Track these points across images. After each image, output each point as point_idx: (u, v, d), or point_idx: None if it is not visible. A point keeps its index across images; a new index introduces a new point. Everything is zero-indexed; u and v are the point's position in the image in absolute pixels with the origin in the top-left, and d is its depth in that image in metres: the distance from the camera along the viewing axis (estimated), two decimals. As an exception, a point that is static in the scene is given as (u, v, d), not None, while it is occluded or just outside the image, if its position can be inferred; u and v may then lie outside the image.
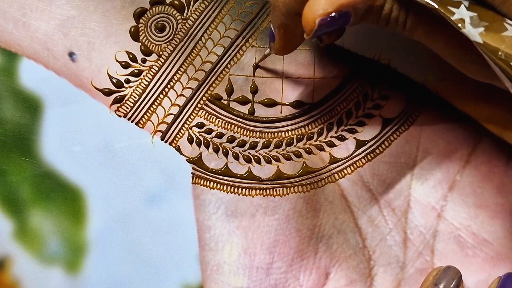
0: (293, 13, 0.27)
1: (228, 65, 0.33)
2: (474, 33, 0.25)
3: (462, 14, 0.25)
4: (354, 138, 0.34)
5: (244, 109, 0.33)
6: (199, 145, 0.33)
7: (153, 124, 0.33)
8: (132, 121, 0.33)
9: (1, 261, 0.35)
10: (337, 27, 0.26)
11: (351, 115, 0.34)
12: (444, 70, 0.33)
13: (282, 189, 0.33)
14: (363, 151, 0.34)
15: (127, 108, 0.33)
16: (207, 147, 0.33)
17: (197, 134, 0.33)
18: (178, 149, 0.33)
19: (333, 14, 0.26)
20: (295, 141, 0.33)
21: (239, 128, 0.33)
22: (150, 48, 0.33)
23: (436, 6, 0.25)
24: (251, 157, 0.33)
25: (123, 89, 0.33)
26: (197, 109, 0.33)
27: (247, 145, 0.33)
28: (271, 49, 0.31)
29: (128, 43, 0.33)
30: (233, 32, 0.33)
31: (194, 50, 0.33)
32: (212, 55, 0.33)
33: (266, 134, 0.33)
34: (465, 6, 0.25)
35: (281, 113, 0.34)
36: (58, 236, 0.35)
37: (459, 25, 0.25)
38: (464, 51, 0.27)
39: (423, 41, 0.27)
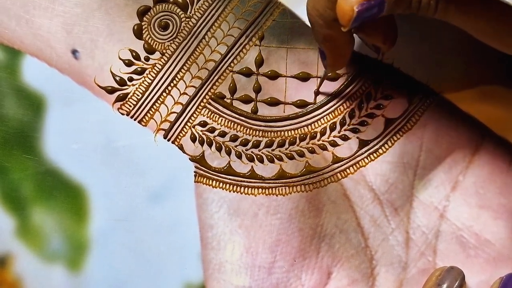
0: (331, 20, 0.27)
1: (232, 64, 0.33)
2: None
3: None
4: (357, 137, 0.34)
5: (247, 108, 0.33)
6: (201, 143, 0.33)
7: (156, 122, 0.33)
8: (135, 119, 0.33)
9: (3, 258, 0.35)
10: (372, 16, 0.26)
11: (354, 115, 0.34)
12: (448, 70, 0.33)
13: (285, 188, 0.33)
14: (366, 151, 0.34)
15: (130, 106, 0.33)
16: (210, 145, 0.33)
17: (200, 133, 0.33)
18: (180, 147, 0.33)
19: (369, 0, 0.25)
20: (298, 141, 0.33)
21: (242, 127, 0.33)
22: (154, 46, 0.33)
23: None
24: (254, 156, 0.33)
25: (126, 87, 0.33)
26: (200, 107, 0.33)
27: (250, 144, 0.33)
28: (326, 67, 0.31)
29: (132, 41, 0.33)
30: (237, 31, 0.33)
31: (197, 49, 0.33)
32: (216, 53, 0.33)
33: (269, 133, 0.33)
34: None
35: (284, 112, 0.33)
36: (60, 234, 0.35)
37: None
38: (502, 24, 0.26)
39: (456, 23, 0.27)
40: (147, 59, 0.33)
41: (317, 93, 0.33)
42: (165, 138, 0.33)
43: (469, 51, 0.34)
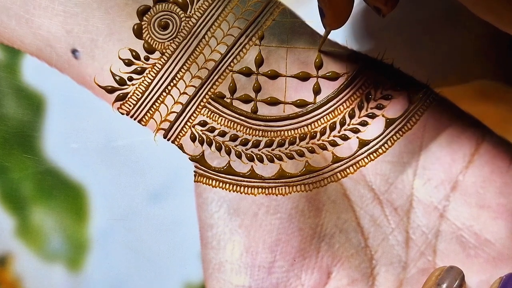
0: None
1: (231, 64, 0.33)
2: None
3: None
4: (357, 137, 0.34)
5: (247, 107, 0.33)
6: (201, 143, 0.33)
7: (156, 122, 0.33)
8: (134, 119, 0.33)
9: (3, 258, 0.35)
10: None
11: (354, 115, 0.34)
12: (448, 70, 0.33)
13: (285, 188, 0.33)
14: (366, 151, 0.34)
15: (130, 105, 0.33)
16: (210, 145, 0.33)
17: (200, 132, 0.33)
18: (180, 147, 0.33)
19: None
20: (298, 140, 0.33)
21: (242, 127, 0.33)
22: (153, 45, 0.33)
23: None
24: (254, 155, 0.33)
25: (126, 86, 0.33)
26: (200, 107, 0.33)
27: (250, 144, 0.33)
28: (325, 26, 0.30)
29: (131, 41, 0.33)
30: (237, 31, 0.33)
31: (197, 48, 0.33)
32: (215, 53, 0.33)
33: (269, 132, 0.33)
34: None
35: (284, 112, 0.33)
36: (60, 233, 0.35)
37: None
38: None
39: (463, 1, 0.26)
40: (147, 58, 0.33)
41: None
42: (165, 137, 0.33)
43: (469, 51, 0.34)
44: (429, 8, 0.35)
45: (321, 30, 0.33)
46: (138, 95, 0.33)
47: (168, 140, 0.33)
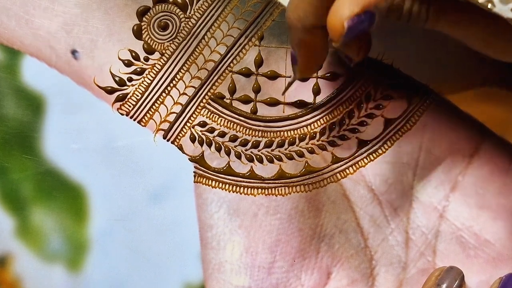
0: (310, 26, 0.27)
1: (231, 64, 0.33)
2: (506, 10, 0.24)
3: None
4: (357, 138, 0.34)
5: (247, 108, 0.33)
6: (201, 144, 0.33)
7: (156, 122, 0.33)
8: (134, 120, 0.33)
9: (3, 258, 0.35)
10: (363, 30, 0.26)
11: (354, 115, 0.34)
12: (447, 70, 0.33)
13: (284, 189, 0.33)
14: (365, 151, 0.34)
15: (130, 106, 0.33)
16: (209, 146, 0.33)
17: (200, 133, 0.33)
18: (180, 147, 0.33)
19: (359, 15, 0.25)
20: (297, 141, 0.33)
21: (242, 127, 0.33)
22: (153, 46, 0.33)
23: None
24: (254, 156, 0.33)
25: (125, 87, 0.33)
26: (199, 107, 0.33)
27: (250, 144, 0.33)
28: (295, 73, 0.31)
29: (131, 41, 0.33)
30: (236, 31, 0.33)
31: (197, 49, 0.33)
32: (215, 54, 0.33)
33: (269, 133, 0.33)
34: None
35: (283, 112, 0.33)
36: (59, 234, 0.35)
37: (489, 6, 0.24)
38: (491, 33, 0.26)
39: (447, 32, 0.27)
40: (146, 59, 0.33)
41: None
42: (164, 138, 0.33)
43: (469, 51, 0.34)
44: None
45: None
46: (137, 95, 0.33)
47: (168, 140, 0.33)
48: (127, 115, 0.33)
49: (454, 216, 0.34)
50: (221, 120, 0.33)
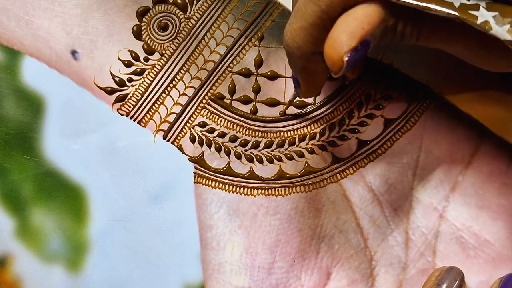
0: (310, 54, 0.27)
1: (231, 64, 0.33)
2: (502, 32, 0.24)
3: (484, 16, 0.25)
4: (356, 138, 0.34)
5: (247, 108, 0.33)
6: (201, 144, 0.33)
7: (155, 123, 0.33)
8: (134, 120, 0.33)
9: (2, 259, 0.35)
10: (360, 58, 0.26)
11: (353, 115, 0.34)
12: (447, 70, 0.33)
13: (284, 189, 0.33)
14: (365, 151, 0.34)
15: (130, 106, 0.33)
16: (209, 146, 0.33)
17: (199, 133, 0.33)
18: (180, 148, 0.33)
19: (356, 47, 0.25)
20: (297, 141, 0.33)
21: (241, 128, 0.33)
22: (153, 47, 0.33)
23: (458, 14, 0.25)
24: (253, 156, 0.33)
25: (125, 87, 0.33)
26: (199, 108, 0.33)
27: (249, 145, 0.33)
28: (299, 94, 0.31)
29: (131, 42, 0.33)
30: (236, 32, 0.33)
31: (196, 49, 0.33)
32: (215, 54, 0.33)
33: (268, 133, 0.33)
34: (484, 7, 0.25)
35: (283, 112, 0.33)
36: (59, 234, 0.35)
37: (486, 27, 0.25)
38: (480, 48, 0.27)
39: (439, 47, 0.27)
40: (146, 59, 0.33)
41: (282, 115, 0.33)
42: (164, 138, 0.33)
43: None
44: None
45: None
46: (137, 96, 0.33)
47: (168, 141, 0.34)
48: (127, 115, 0.33)
49: (454, 216, 0.34)
50: (221, 120, 0.33)
